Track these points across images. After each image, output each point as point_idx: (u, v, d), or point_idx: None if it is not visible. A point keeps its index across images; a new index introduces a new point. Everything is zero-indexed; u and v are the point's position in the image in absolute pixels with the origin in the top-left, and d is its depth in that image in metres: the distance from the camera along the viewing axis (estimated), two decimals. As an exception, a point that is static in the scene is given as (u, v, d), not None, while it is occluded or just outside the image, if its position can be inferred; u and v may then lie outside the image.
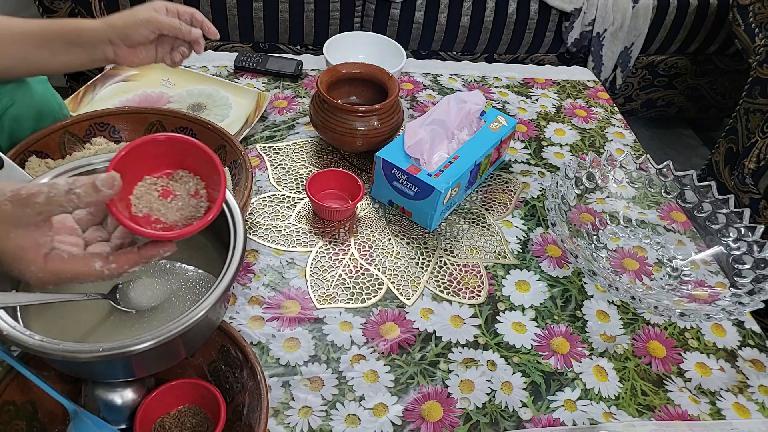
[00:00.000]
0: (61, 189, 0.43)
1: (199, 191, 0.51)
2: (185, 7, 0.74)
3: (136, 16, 0.69)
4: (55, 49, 0.69)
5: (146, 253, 0.48)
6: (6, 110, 0.72)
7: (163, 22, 0.70)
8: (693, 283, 0.80)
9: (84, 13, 1.48)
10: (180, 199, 0.51)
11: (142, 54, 0.73)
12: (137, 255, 0.48)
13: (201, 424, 0.58)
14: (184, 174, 0.51)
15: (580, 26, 1.65)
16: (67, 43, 0.69)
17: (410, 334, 0.71)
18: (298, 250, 0.79)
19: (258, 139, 0.96)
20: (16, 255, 0.44)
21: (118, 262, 0.47)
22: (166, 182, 0.51)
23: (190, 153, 0.50)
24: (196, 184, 0.51)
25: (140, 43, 0.71)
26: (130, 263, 0.47)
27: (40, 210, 0.43)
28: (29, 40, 0.68)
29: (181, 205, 0.50)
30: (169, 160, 0.51)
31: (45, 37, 0.69)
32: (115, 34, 0.69)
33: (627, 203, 0.90)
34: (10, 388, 0.54)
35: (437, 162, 0.82)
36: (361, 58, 1.10)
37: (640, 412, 0.67)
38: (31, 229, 0.44)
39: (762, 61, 1.41)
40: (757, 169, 1.35)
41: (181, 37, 0.72)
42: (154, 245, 0.48)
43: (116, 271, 0.47)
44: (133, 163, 0.48)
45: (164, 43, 0.74)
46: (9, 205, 0.43)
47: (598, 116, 1.12)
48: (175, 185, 0.51)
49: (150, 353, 0.48)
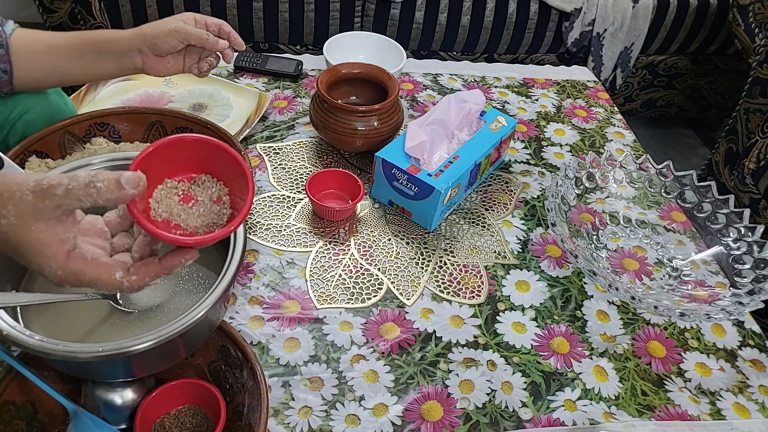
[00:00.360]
0: (81, 182, 0.41)
1: (222, 197, 0.49)
2: (213, 19, 0.76)
3: (166, 25, 0.71)
4: (85, 58, 0.71)
5: (168, 264, 0.46)
6: (21, 116, 0.74)
7: (191, 33, 0.72)
8: (693, 283, 0.80)
9: (84, 13, 1.48)
10: (202, 204, 0.48)
11: (170, 63, 0.74)
12: (158, 266, 0.46)
13: (201, 424, 0.58)
14: (207, 179, 0.49)
15: (580, 26, 1.65)
16: (97, 53, 0.71)
17: (410, 334, 0.71)
18: (298, 250, 0.79)
19: (258, 139, 0.96)
20: (37, 249, 0.42)
21: (138, 274, 0.45)
22: (187, 186, 0.48)
23: (216, 157, 0.48)
24: (219, 190, 0.49)
25: (168, 53, 0.73)
26: (151, 275, 0.46)
27: (59, 203, 0.41)
28: (60, 51, 0.70)
29: (202, 211, 0.48)
30: (192, 163, 0.48)
31: (75, 48, 0.70)
32: (144, 42, 0.71)
33: (627, 203, 0.90)
34: (10, 388, 0.54)
35: (437, 162, 0.82)
36: (361, 58, 1.10)
37: (640, 412, 0.67)
38: (53, 223, 0.42)
39: (762, 61, 1.41)
40: (757, 169, 1.35)
41: (208, 47, 0.74)
42: (175, 254, 0.46)
43: (136, 283, 0.45)
44: (155, 164, 0.46)
45: (192, 53, 0.76)
46: (31, 195, 0.41)
47: (598, 116, 1.12)
48: (197, 190, 0.49)
49: (150, 353, 0.48)
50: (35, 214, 0.41)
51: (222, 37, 0.76)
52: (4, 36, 0.67)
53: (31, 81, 0.71)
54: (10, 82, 0.68)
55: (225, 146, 0.47)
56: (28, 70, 0.69)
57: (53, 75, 0.71)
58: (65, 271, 0.43)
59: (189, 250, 0.47)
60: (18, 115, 0.73)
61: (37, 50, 0.69)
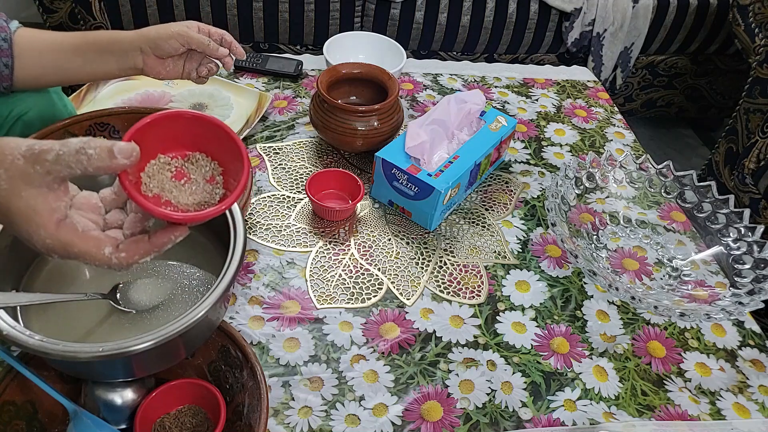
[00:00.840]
0: (72, 147, 0.40)
1: (215, 177, 0.48)
2: (217, 29, 0.78)
3: (169, 28, 0.72)
4: (86, 57, 0.71)
5: (158, 241, 0.46)
6: (20, 117, 0.74)
7: (192, 38, 0.73)
8: (693, 283, 0.80)
9: (84, 13, 1.48)
10: (194, 182, 0.48)
11: (170, 67, 0.75)
12: (148, 244, 0.46)
13: (201, 424, 0.58)
14: (201, 157, 0.49)
15: (580, 26, 1.65)
16: (100, 51, 0.72)
17: (410, 334, 0.71)
18: (298, 250, 0.79)
19: (258, 139, 0.96)
20: (27, 216, 0.42)
21: (128, 251, 0.45)
22: (181, 163, 0.48)
23: (212, 136, 0.47)
24: (213, 169, 0.49)
25: (169, 55, 0.74)
26: (141, 252, 0.45)
27: (49, 168, 0.41)
28: (62, 48, 0.70)
29: (194, 189, 0.48)
30: (187, 140, 0.48)
31: (78, 46, 0.71)
32: (146, 42, 0.72)
33: (627, 203, 0.90)
34: (10, 388, 0.54)
35: (437, 162, 0.82)
36: (361, 58, 1.10)
37: (640, 412, 0.67)
38: (44, 190, 0.42)
39: (762, 61, 1.41)
40: (757, 169, 1.35)
41: (208, 53, 0.76)
42: (165, 231, 0.46)
43: (125, 260, 0.45)
44: (150, 138, 0.45)
45: (192, 59, 0.77)
46: (22, 160, 0.40)
47: (598, 116, 1.12)
48: (191, 167, 0.48)
49: (150, 353, 0.48)
50: (26, 179, 0.41)
51: (223, 47, 0.78)
52: (8, 31, 0.68)
53: (31, 78, 0.71)
54: (11, 77, 0.69)
55: (222, 125, 0.47)
56: (29, 66, 0.69)
57: (54, 73, 0.72)
58: (54, 240, 0.43)
59: (179, 226, 0.46)
60: (17, 116, 0.74)
61: (40, 46, 0.70)
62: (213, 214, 0.46)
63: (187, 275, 0.60)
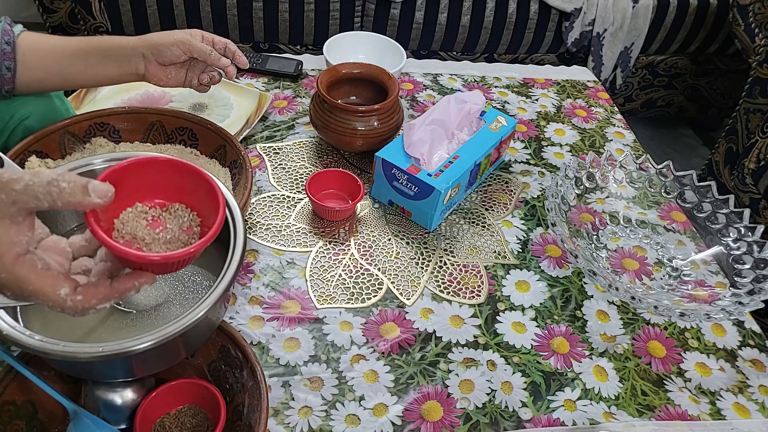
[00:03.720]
0: (44, 178, 0.39)
1: (192, 228, 0.47)
2: (221, 38, 0.78)
3: (172, 35, 0.73)
4: (89, 61, 0.72)
5: (120, 287, 0.43)
6: (21, 121, 0.74)
7: (195, 46, 0.73)
8: (693, 283, 0.80)
9: (84, 13, 1.48)
10: (169, 232, 0.46)
11: (172, 74, 0.76)
12: (109, 288, 0.43)
13: (201, 424, 0.58)
14: (180, 207, 0.47)
15: (580, 26, 1.65)
16: (102, 56, 0.72)
17: (410, 334, 0.71)
18: (298, 250, 0.79)
19: (258, 139, 0.96)
20: None
21: (85, 295, 0.42)
22: (158, 213, 0.47)
23: (191, 181, 0.46)
24: (191, 219, 0.47)
25: (171, 62, 0.74)
26: (99, 297, 0.42)
27: (15, 199, 0.38)
28: (65, 52, 0.71)
29: (169, 238, 0.46)
30: (167, 189, 0.47)
31: (80, 50, 0.71)
32: (148, 48, 0.72)
33: (627, 203, 0.90)
34: (10, 388, 0.54)
35: (437, 162, 0.82)
36: (361, 58, 1.10)
37: (640, 412, 0.67)
38: (7, 222, 0.39)
39: (762, 61, 1.41)
40: (757, 169, 1.35)
41: (210, 62, 0.76)
42: (129, 276, 0.44)
43: (81, 304, 0.42)
44: (128, 183, 0.44)
45: (195, 68, 0.78)
46: None
47: (598, 116, 1.12)
48: (168, 217, 0.47)
49: (150, 353, 0.48)
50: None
51: (227, 56, 0.78)
52: (12, 34, 0.68)
53: (33, 81, 0.71)
54: (13, 80, 0.69)
55: (199, 171, 0.46)
56: (31, 69, 0.69)
57: (56, 76, 0.72)
58: (8, 274, 0.40)
59: (144, 273, 0.44)
60: (19, 120, 0.74)
61: (43, 50, 0.70)
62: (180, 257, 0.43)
63: (187, 275, 0.60)
